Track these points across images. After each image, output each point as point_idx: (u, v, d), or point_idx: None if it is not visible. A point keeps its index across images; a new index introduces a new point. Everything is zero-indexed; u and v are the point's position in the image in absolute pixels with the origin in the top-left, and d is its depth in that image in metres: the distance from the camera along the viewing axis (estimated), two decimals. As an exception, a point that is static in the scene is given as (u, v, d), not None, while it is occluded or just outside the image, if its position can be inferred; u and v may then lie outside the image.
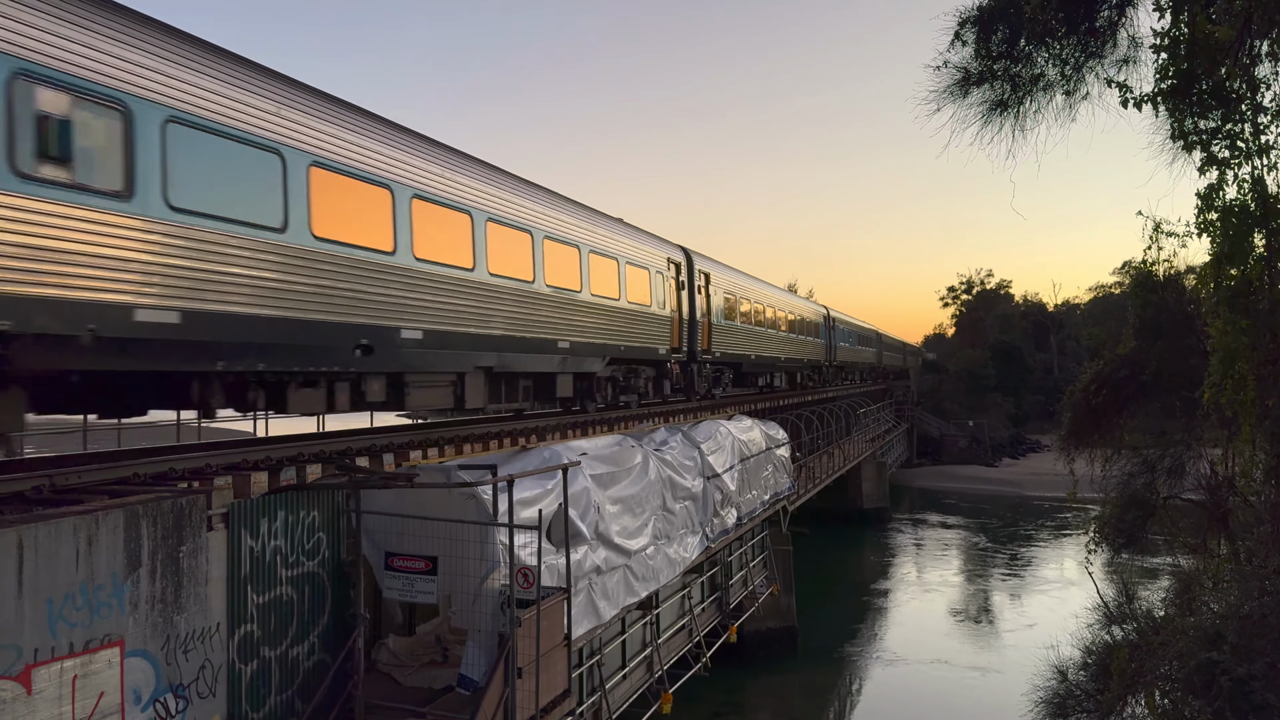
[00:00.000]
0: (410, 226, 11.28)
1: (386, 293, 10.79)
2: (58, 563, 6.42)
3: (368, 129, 10.91)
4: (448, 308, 12.05)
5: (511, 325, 13.77)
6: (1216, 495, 12.45)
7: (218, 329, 8.52)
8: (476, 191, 13.01)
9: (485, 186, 13.31)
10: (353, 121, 10.67)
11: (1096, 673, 10.95)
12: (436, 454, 12.09)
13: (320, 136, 9.94)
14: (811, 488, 31.83)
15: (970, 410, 75.77)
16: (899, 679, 24.68)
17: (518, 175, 14.86)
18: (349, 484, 9.55)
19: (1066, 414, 14.83)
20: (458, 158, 12.91)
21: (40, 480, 8.10)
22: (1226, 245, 7.57)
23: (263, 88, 9.29)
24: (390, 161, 11.06)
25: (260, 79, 9.32)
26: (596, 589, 12.26)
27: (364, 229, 10.49)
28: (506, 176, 14.34)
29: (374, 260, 10.59)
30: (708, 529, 17.35)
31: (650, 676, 15.92)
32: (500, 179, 14.00)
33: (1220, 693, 6.73)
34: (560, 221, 15.67)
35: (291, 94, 9.73)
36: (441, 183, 12.13)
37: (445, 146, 12.77)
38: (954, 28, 8.88)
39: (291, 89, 9.80)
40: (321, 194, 9.80)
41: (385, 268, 10.79)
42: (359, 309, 10.31)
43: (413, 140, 11.85)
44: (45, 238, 6.96)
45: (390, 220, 10.93)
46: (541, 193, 15.44)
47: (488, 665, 8.89)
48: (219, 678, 7.89)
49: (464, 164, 12.98)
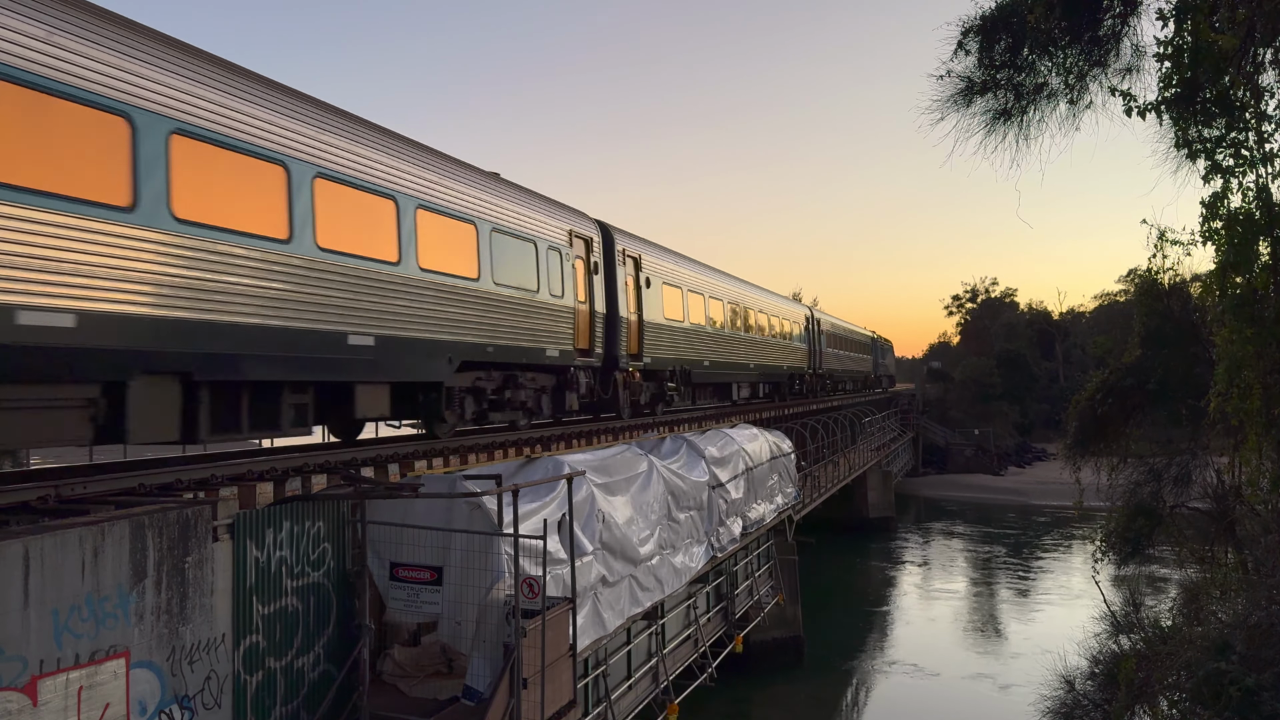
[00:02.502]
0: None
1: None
2: (63, 574, 6.43)
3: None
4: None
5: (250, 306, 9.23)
6: (1223, 504, 12.42)
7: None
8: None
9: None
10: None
11: (1104, 682, 10.92)
12: (441, 464, 12.10)
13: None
14: (817, 497, 31.75)
15: (976, 419, 75.54)
16: (906, 689, 24.56)
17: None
18: (354, 494, 9.55)
19: (1072, 422, 14.83)
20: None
21: (46, 491, 8.12)
22: (1231, 253, 7.56)
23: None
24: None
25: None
26: (602, 599, 12.23)
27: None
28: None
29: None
30: (713, 538, 17.32)
31: (656, 687, 15.87)
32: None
33: (1229, 703, 6.70)
34: (354, 156, 10.91)
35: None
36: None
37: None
38: (957, 37, 8.92)
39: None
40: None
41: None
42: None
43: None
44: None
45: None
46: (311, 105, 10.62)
47: (493, 676, 8.87)
48: (224, 689, 7.88)
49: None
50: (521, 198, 15.28)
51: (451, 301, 12.55)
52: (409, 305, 11.63)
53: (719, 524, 17.69)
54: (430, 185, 12.34)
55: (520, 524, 9.16)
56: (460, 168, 13.52)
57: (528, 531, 9.46)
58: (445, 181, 12.75)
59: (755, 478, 20.46)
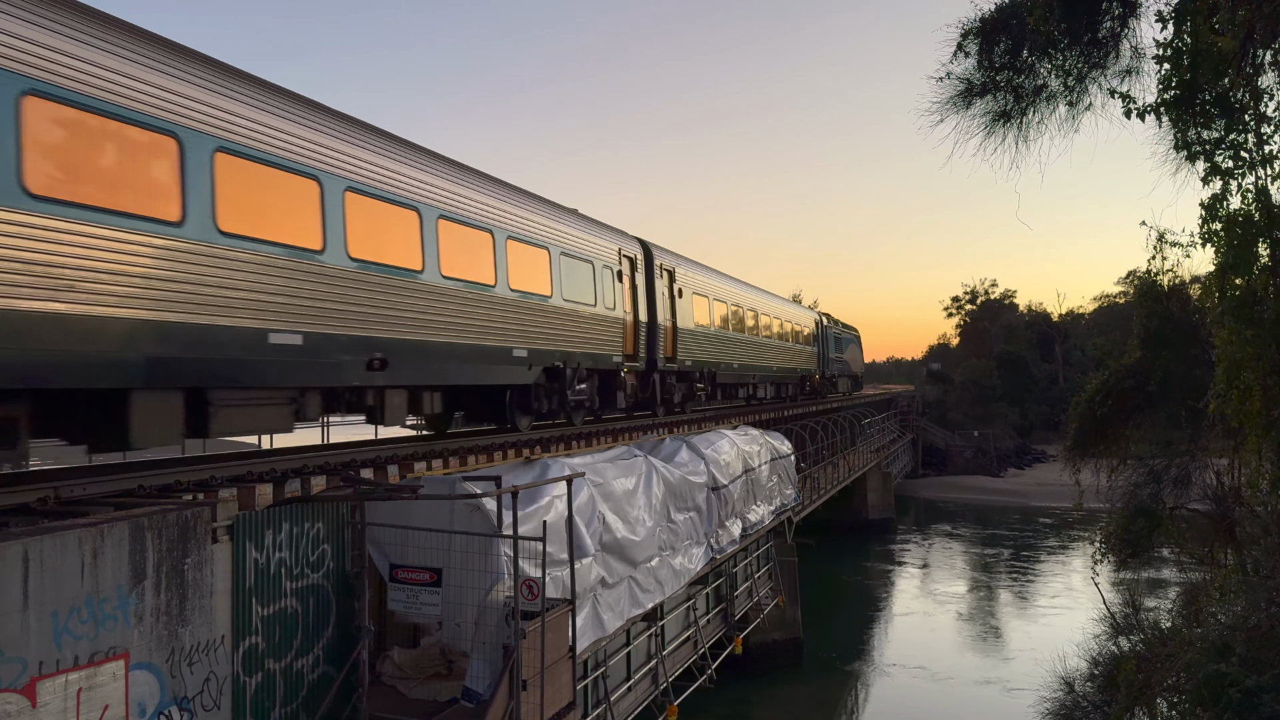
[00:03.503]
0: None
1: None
2: (63, 575, 6.42)
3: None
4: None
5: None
6: (1223, 506, 12.43)
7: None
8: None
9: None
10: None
11: (1104, 684, 10.91)
12: (441, 465, 12.10)
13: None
14: (816, 498, 31.75)
15: (975, 421, 75.52)
16: (905, 690, 24.55)
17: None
18: (354, 496, 9.55)
19: (1072, 424, 14.83)
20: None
21: (45, 492, 8.12)
22: (1231, 255, 7.56)
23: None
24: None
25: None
26: (601, 601, 12.23)
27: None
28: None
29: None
30: (713, 540, 17.31)
31: (655, 689, 15.87)
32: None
33: (1228, 705, 6.69)
34: (465, 199, 13.24)
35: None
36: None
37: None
38: (957, 39, 8.92)
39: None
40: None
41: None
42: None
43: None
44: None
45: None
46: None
47: (492, 678, 8.87)
48: (224, 690, 7.88)
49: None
50: (582, 225, 17.50)
51: (539, 315, 15.13)
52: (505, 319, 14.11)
53: (719, 525, 17.68)
54: (515, 218, 14.72)
55: (520, 525, 9.16)
56: (537, 201, 15.91)
57: (527, 533, 9.46)
58: (524, 213, 15.09)
59: (755, 479, 20.45)
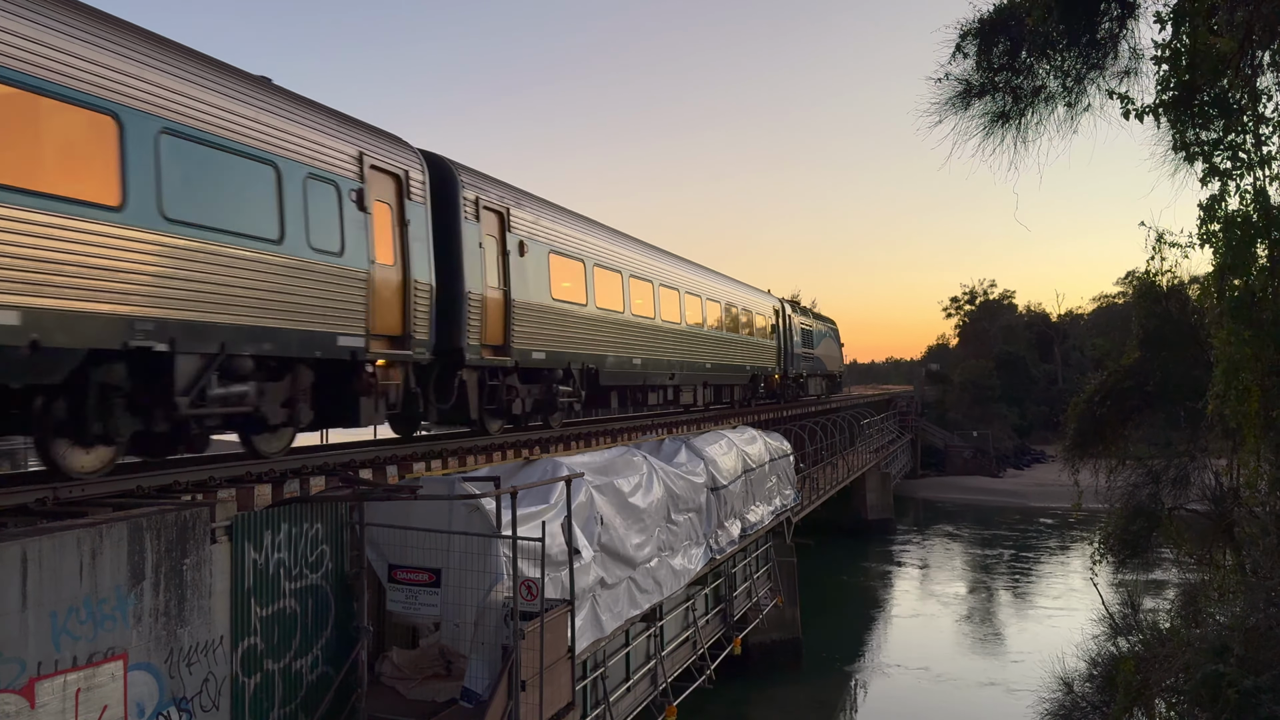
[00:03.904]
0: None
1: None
2: (61, 576, 6.42)
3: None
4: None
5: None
6: (1222, 506, 12.42)
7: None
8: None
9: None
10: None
11: (1102, 685, 10.90)
12: (440, 466, 12.10)
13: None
14: (815, 499, 31.75)
15: (974, 421, 75.49)
16: (904, 691, 24.55)
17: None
18: (352, 496, 9.55)
19: (1071, 425, 14.82)
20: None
21: (44, 493, 8.11)
22: (1229, 256, 7.56)
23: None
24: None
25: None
26: (600, 601, 12.23)
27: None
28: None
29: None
30: (712, 540, 17.32)
31: (654, 689, 15.87)
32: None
33: (1227, 705, 6.69)
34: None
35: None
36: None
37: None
38: (955, 40, 8.92)
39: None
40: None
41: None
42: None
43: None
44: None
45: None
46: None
47: (491, 678, 8.86)
48: (222, 691, 7.87)
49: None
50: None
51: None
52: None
53: (718, 526, 17.70)
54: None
55: (519, 526, 9.16)
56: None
57: (526, 534, 9.46)
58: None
59: (754, 480, 20.46)
